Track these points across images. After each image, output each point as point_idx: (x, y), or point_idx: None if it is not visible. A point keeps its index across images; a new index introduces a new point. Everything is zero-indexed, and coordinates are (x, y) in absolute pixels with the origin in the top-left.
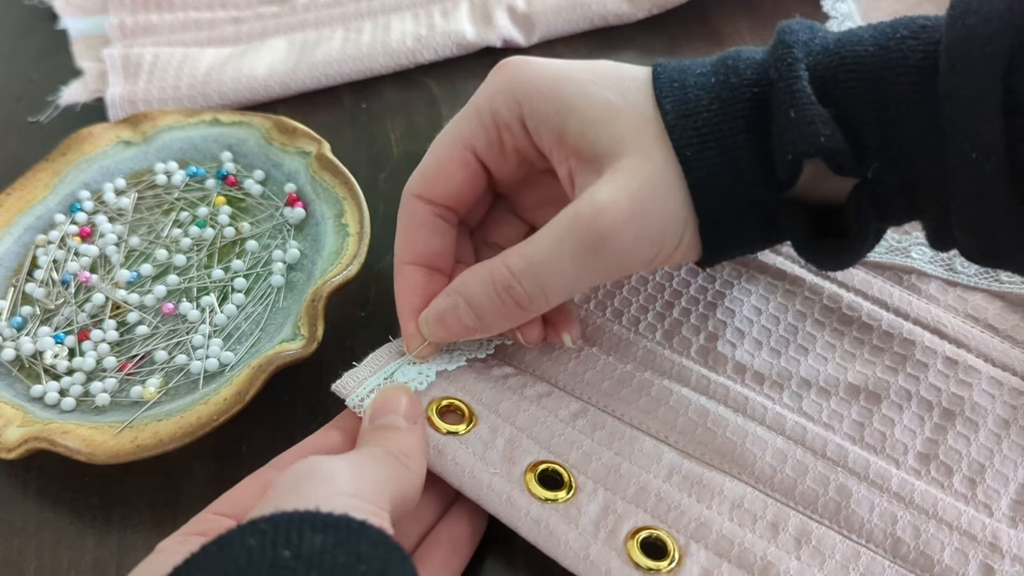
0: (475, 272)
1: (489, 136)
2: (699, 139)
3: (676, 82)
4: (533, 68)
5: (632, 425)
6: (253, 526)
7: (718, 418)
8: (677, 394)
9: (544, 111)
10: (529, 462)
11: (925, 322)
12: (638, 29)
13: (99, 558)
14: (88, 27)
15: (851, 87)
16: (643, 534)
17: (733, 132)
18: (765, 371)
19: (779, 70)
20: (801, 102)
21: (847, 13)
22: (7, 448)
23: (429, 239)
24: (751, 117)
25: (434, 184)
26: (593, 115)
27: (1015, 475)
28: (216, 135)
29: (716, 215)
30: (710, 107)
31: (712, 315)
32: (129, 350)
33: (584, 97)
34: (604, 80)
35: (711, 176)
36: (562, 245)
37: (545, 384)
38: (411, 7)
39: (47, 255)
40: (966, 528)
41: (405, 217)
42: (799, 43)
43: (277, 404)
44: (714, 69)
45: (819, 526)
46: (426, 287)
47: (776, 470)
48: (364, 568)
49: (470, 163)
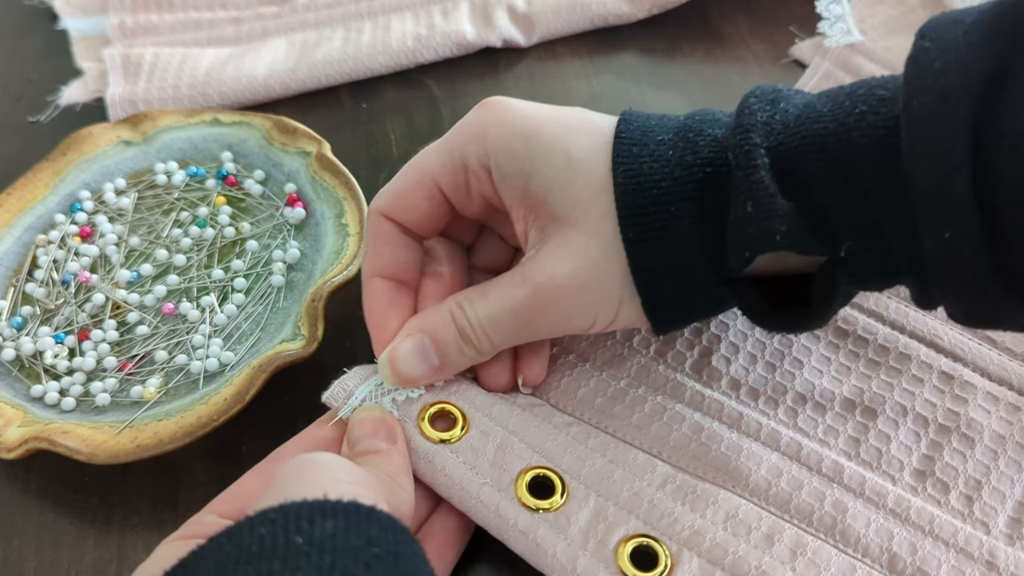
0: (436, 312)
1: (456, 179)
2: (645, 221)
3: (636, 145)
4: (509, 118)
5: (625, 441)
6: (263, 516)
7: (712, 434)
8: (671, 410)
9: (509, 169)
10: (520, 469)
11: (921, 335)
12: (638, 29)
13: (99, 558)
14: (88, 27)
15: (814, 170)
16: (634, 543)
17: (681, 216)
18: (760, 386)
19: (737, 157)
20: (758, 195)
21: (840, 14)
22: (7, 448)
23: (396, 253)
24: (704, 200)
25: (398, 208)
26: (553, 178)
27: (1012, 492)
28: (216, 135)
29: (660, 295)
30: (660, 184)
31: (706, 329)
32: (129, 350)
33: (547, 156)
34: (572, 133)
35: (653, 260)
36: (503, 305)
37: (536, 400)
38: (411, 7)
39: (47, 255)
40: (963, 546)
41: (371, 231)
42: (758, 126)
43: (277, 404)
44: (674, 139)
45: (815, 539)
46: (395, 298)
47: (771, 484)
48: (376, 551)
49: (435, 196)
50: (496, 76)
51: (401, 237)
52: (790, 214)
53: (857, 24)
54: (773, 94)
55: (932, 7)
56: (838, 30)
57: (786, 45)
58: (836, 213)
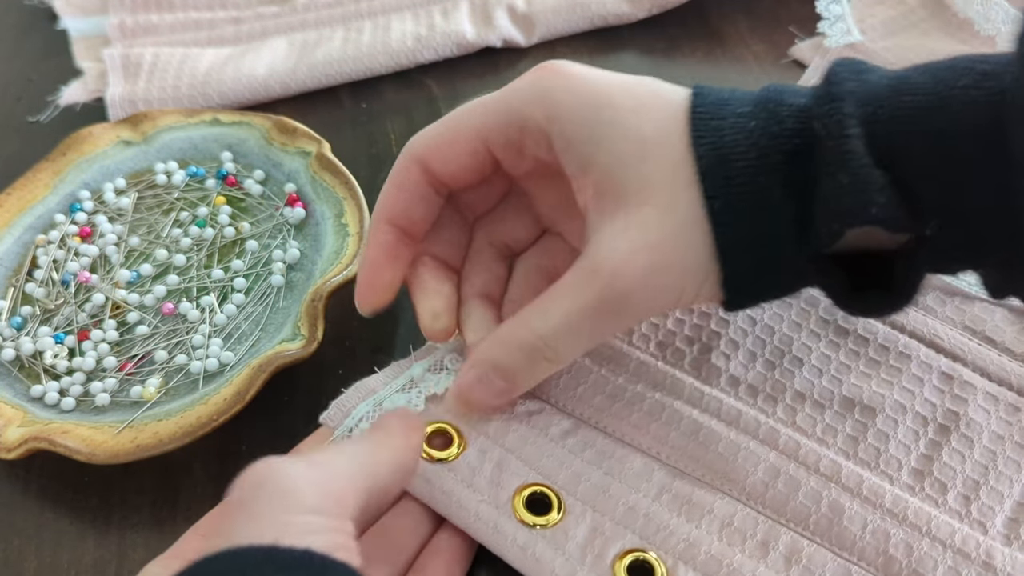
0: (499, 340)
1: (509, 138)
2: (731, 192)
3: (714, 119)
4: (575, 84)
5: (624, 441)
6: (209, 566)
7: (710, 432)
8: (669, 408)
9: (575, 137)
10: (517, 486)
11: (921, 335)
12: (638, 29)
13: (99, 558)
14: (88, 27)
15: (907, 145)
16: (630, 557)
17: (770, 186)
18: (759, 384)
19: (827, 127)
20: (853, 166)
21: (840, 14)
22: (7, 448)
23: (415, 205)
24: (790, 172)
25: (437, 157)
26: (625, 151)
27: (1010, 492)
28: (216, 135)
29: (742, 270)
30: (747, 155)
31: (706, 326)
32: (129, 350)
33: (619, 129)
34: (644, 108)
35: (740, 233)
36: (577, 306)
37: (536, 401)
38: (411, 7)
39: (47, 255)
40: (959, 546)
41: (397, 176)
42: (849, 95)
43: (277, 404)
44: (754, 110)
45: (810, 544)
46: (394, 247)
47: (768, 486)
48: None
49: (479, 153)
50: (496, 76)
51: (425, 188)
52: (887, 186)
53: (857, 24)
54: (860, 66)
55: (932, 8)
56: (838, 30)
57: (786, 45)
58: (926, 190)
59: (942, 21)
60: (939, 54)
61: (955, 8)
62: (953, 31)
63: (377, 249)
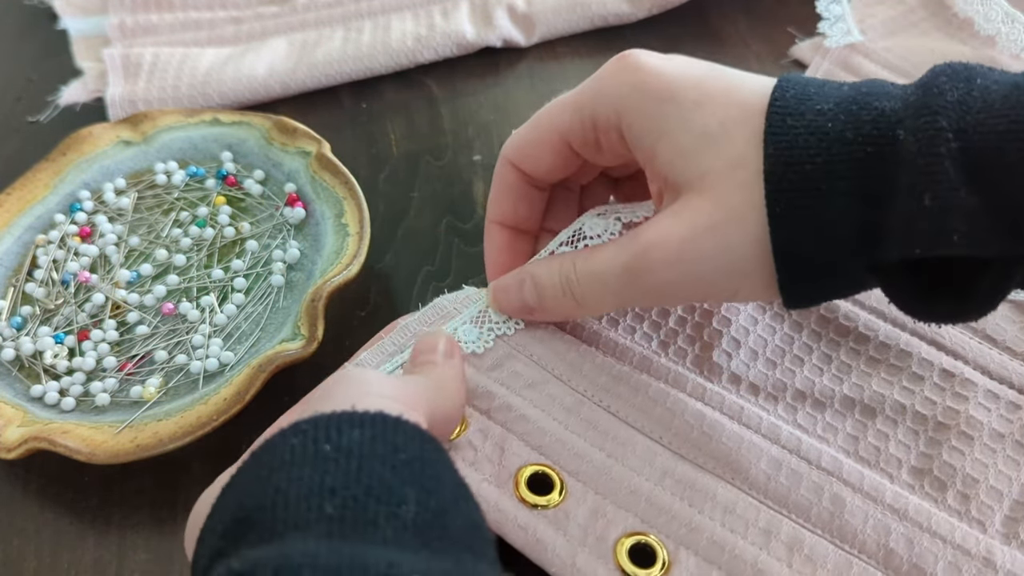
0: (549, 261)
1: (586, 135)
2: (794, 197)
3: (792, 115)
4: (644, 79)
5: (627, 423)
6: (295, 427)
7: (714, 423)
8: (674, 397)
9: (640, 130)
10: (519, 466)
11: (923, 333)
12: (638, 29)
13: (99, 558)
14: (88, 27)
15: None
16: (632, 540)
17: (835, 194)
18: (760, 383)
19: (919, 141)
20: (940, 188)
21: (840, 14)
22: (7, 448)
23: (517, 204)
24: (863, 181)
25: (525, 159)
26: (685, 145)
27: (1009, 490)
28: (216, 135)
29: (799, 274)
30: (815, 159)
31: (708, 324)
32: (129, 350)
33: (682, 122)
34: (710, 102)
35: (798, 238)
36: (612, 263)
37: (541, 371)
38: (411, 7)
39: (47, 255)
40: (960, 542)
41: (497, 179)
42: (948, 107)
43: (277, 404)
44: (835, 110)
45: (812, 535)
46: (510, 245)
47: (770, 477)
48: (403, 456)
49: (561, 152)
50: (496, 76)
51: (524, 188)
52: (975, 214)
53: (857, 24)
54: (967, 71)
55: (932, 7)
56: (838, 30)
57: (786, 45)
58: None
59: (942, 21)
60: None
61: (955, 8)
62: (953, 31)
63: (495, 252)
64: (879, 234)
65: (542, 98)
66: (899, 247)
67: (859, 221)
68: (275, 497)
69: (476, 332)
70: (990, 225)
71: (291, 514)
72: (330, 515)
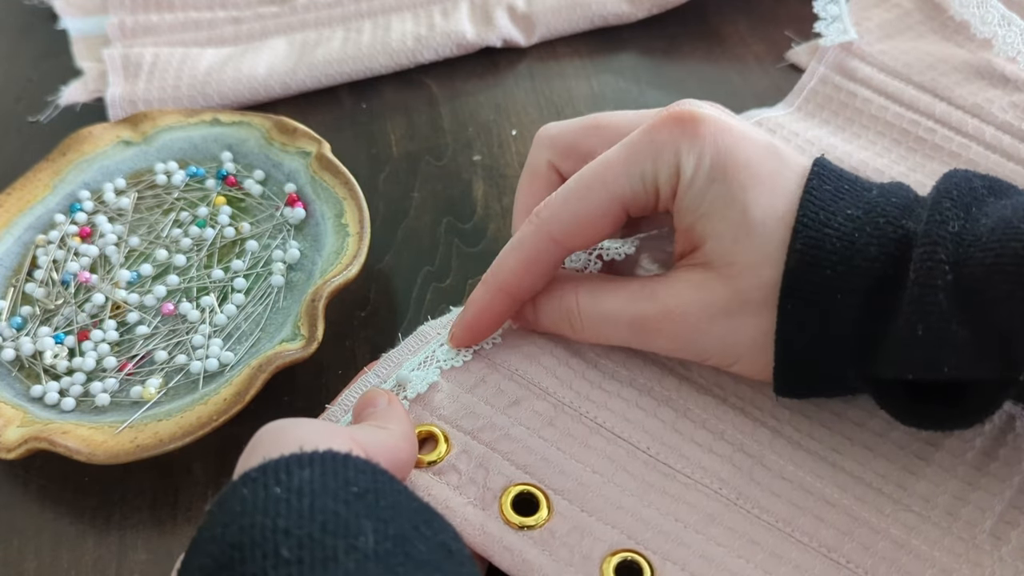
0: (555, 286)
1: (648, 200)
2: (808, 298)
3: (824, 212)
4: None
5: (613, 433)
6: (245, 477)
7: (701, 431)
8: (661, 404)
9: (689, 202)
10: (503, 486)
11: None
12: (638, 29)
13: (99, 558)
14: (88, 27)
15: (1007, 291)
16: (618, 557)
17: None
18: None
19: (917, 272)
20: (931, 320)
21: (837, 14)
22: (7, 448)
23: (540, 281)
24: (875, 298)
25: (577, 237)
26: (723, 232)
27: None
28: (216, 135)
29: (794, 369)
30: (836, 267)
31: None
32: (129, 350)
33: (725, 207)
34: (757, 188)
35: (801, 338)
36: (620, 315)
37: (526, 384)
38: (411, 7)
39: (47, 255)
40: (948, 547)
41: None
42: (946, 239)
43: (277, 404)
44: (863, 219)
45: (799, 544)
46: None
47: (759, 485)
48: (354, 489)
49: (618, 217)
50: (496, 76)
51: (556, 261)
52: (965, 345)
53: (854, 24)
54: (970, 195)
55: (928, 11)
56: (835, 30)
57: (786, 46)
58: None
59: (938, 24)
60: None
61: (951, 11)
62: (949, 34)
63: (488, 315)
64: (877, 351)
65: (542, 98)
66: (894, 368)
67: (861, 335)
68: (231, 553)
69: (452, 352)
70: (979, 354)
71: (249, 568)
72: (287, 559)
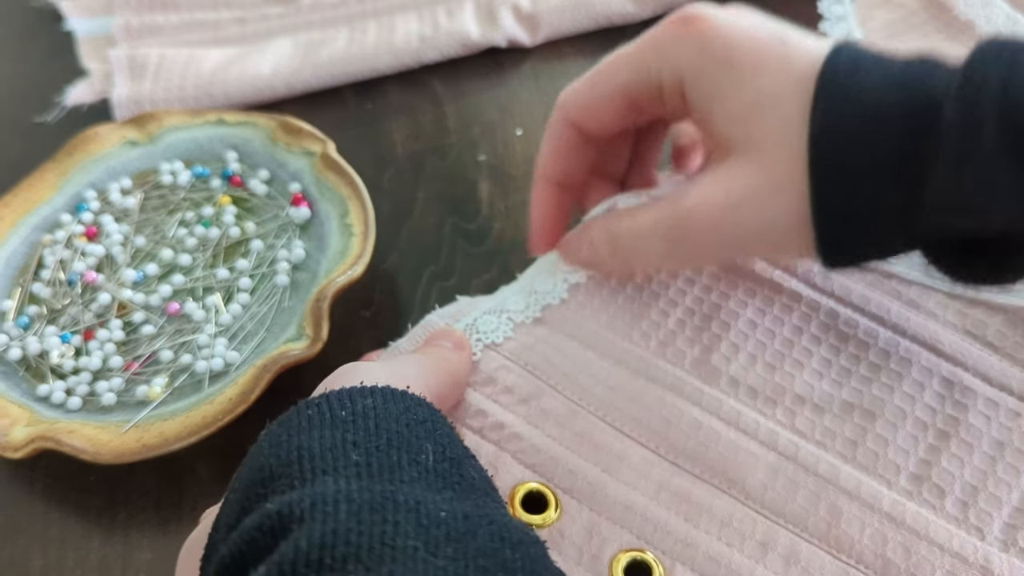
0: (600, 220)
1: (652, 92)
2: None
3: (845, 85)
4: (707, 42)
5: (623, 432)
6: (308, 402)
7: (711, 432)
8: (671, 405)
9: (699, 92)
10: (512, 484)
11: (923, 339)
12: (643, 29)
13: (104, 557)
14: (94, 28)
15: None
16: (628, 557)
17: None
18: (759, 386)
19: (960, 115)
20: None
21: (842, 15)
22: (14, 447)
23: (573, 162)
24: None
25: (588, 118)
26: (737, 111)
27: (1009, 498)
28: (221, 135)
29: (837, 240)
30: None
31: (708, 328)
32: (135, 350)
33: (738, 88)
34: (766, 67)
35: (838, 204)
36: (654, 226)
37: (535, 381)
38: (416, 7)
39: (53, 255)
40: (957, 550)
41: (554, 138)
42: (988, 83)
43: (282, 404)
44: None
45: (809, 545)
46: (558, 202)
47: (767, 487)
48: (414, 416)
49: (627, 108)
50: (501, 76)
51: (580, 146)
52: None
53: (859, 25)
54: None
55: (933, 10)
56: (840, 30)
57: None
58: None
59: (943, 24)
60: None
61: (956, 11)
62: (955, 34)
63: (544, 208)
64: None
65: (547, 98)
66: (937, 222)
67: (901, 193)
68: (300, 452)
69: (495, 321)
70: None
71: (318, 463)
72: (356, 461)
